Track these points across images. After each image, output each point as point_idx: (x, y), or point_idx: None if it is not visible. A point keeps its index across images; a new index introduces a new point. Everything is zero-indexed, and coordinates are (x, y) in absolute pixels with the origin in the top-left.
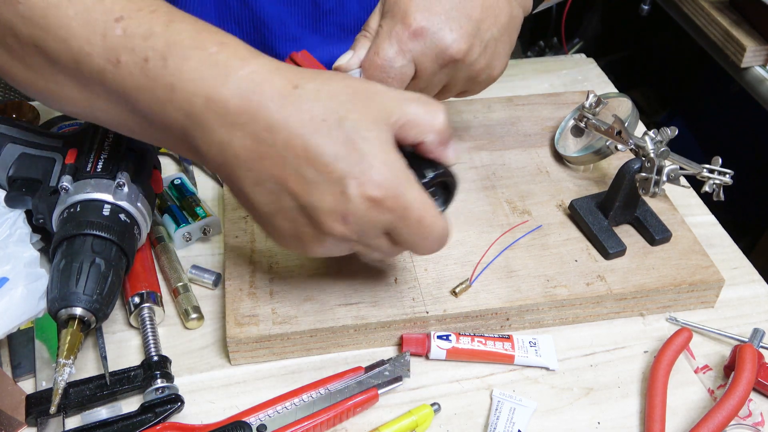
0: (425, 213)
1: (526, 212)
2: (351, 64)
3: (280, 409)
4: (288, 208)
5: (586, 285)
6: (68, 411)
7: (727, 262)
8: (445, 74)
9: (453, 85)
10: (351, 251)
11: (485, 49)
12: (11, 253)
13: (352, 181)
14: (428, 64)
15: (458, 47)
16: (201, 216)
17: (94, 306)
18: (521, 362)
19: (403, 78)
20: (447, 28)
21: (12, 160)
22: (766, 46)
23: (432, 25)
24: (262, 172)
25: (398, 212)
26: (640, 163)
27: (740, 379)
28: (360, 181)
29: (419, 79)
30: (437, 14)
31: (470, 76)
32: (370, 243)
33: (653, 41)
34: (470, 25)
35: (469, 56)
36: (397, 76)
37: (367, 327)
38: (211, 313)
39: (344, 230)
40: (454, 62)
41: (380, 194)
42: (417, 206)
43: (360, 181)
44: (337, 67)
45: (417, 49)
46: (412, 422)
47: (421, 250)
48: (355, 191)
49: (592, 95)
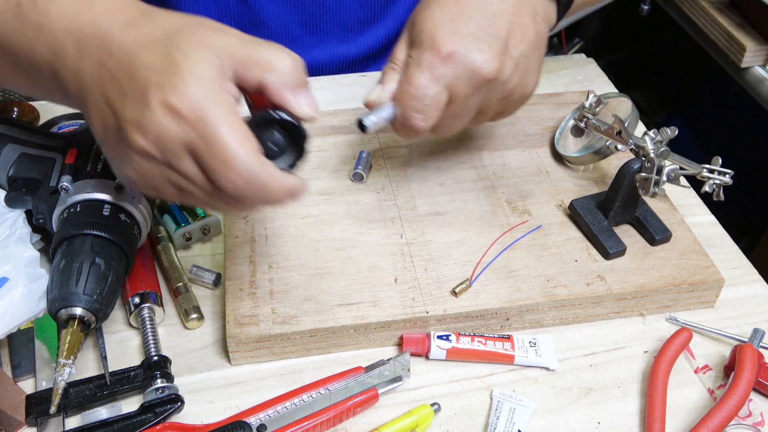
0: (231, 138)
1: (526, 212)
2: (382, 98)
3: (280, 409)
4: (111, 128)
5: (586, 285)
6: (68, 411)
7: (727, 262)
8: (479, 96)
9: (488, 107)
10: (165, 181)
11: (517, 67)
12: (11, 253)
13: (155, 89)
14: (462, 87)
15: (490, 67)
16: (201, 216)
17: (94, 306)
18: (521, 362)
19: (439, 105)
20: (476, 50)
21: (12, 160)
22: (766, 46)
23: (461, 48)
24: (99, 95)
25: (198, 128)
26: (640, 163)
27: (740, 379)
28: (163, 89)
29: (454, 104)
30: (465, 37)
31: (504, 95)
32: (176, 166)
33: (653, 41)
34: (499, 43)
35: (501, 75)
36: (433, 104)
37: (367, 327)
38: (211, 313)
39: (144, 143)
40: (487, 82)
41: (180, 104)
42: (222, 126)
43: (163, 88)
44: (368, 102)
45: (449, 74)
46: (412, 422)
47: (230, 187)
48: (156, 98)
49: (592, 95)
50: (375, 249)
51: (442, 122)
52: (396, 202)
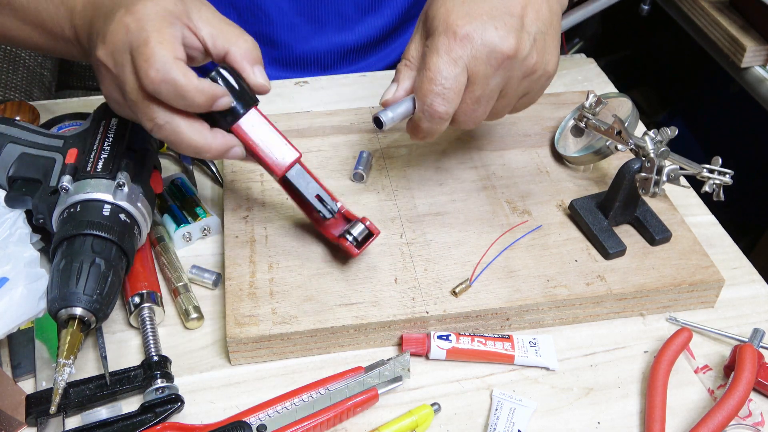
0: (155, 41)
1: (526, 212)
2: (398, 96)
3: (280, 409)
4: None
5: (586, 285)
6: (68, 411)
7: (727, 262)
8: (500, 76)
9: (510, 88)
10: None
11: (535, 43)
12: (11, 253)
13: (122, 9)
14: (481, 67)
15: (508, 44)
16: (201, 216)
17: (94, 306)
18: (521, 362)
19: (459, 87)
20: (492, 27)
21: (12, 160)
22: (766, 46)
23: (476, 29)
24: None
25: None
26: (640, 163)
27: (740, 379)
28: (126, 10)
29: (475, 85)
30: (479, 16)
31: (525, 73)
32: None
33: (653, 41)
34: (514, 20)
35: (520, 51)
36: (452, 86)
37: (367, 327)
38: (211, 313)
39: (103, 54)
40: (507, 60)
41: (130, 19)
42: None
43: (127, 9)
44: (385, 102)
45: (467, 55)
46: (412, 422)
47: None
48: (118, 15)
49: (592, 95)
50: (375, 249)
51: (465, 109)
52: (396, 202)
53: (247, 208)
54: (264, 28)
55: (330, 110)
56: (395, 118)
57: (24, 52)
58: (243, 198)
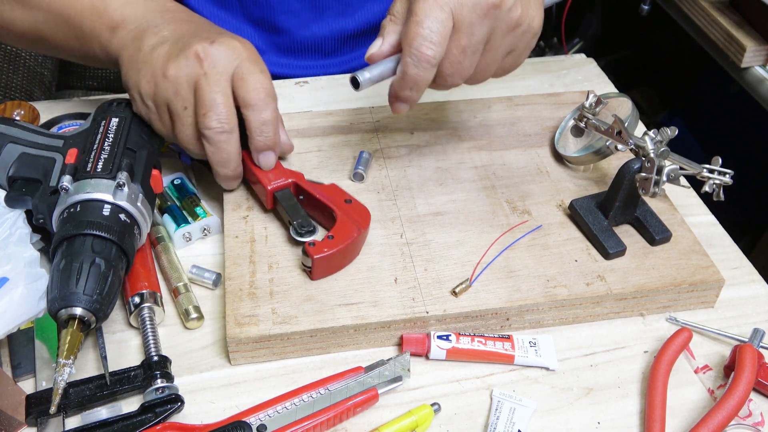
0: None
1: (526, 212)
2: (383, 50)
3: (280, 409)
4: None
5: (586, 285)
6: (68, 411)
7: (727, 262)
8: (486, 26)
9: (496, 40)
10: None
11: None
12: (11, 253)
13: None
14: (466, 13)
15: None
16: (201, 216)
17: (94, 306)
18: (521, 362)
19: (445, 31)
20: None
21: (12, 160)
22: (766, 46)
23: None
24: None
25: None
26: (640, 163)
27: (740, 379)
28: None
29: (461, 33)
30: None
31: (510, 26)
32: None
33: (653, 41)
34: None
35: (505, 1)
36: (439, 29)
37: (367, 327)
38: (211, 313)
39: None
40: (492, 9)
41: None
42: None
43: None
44: (370, 56)
45: (453, 1)
46: (412, 422)
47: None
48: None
49: (592, 95)
50: (375, 249)
51: (451, 59)
52: (396, 202)
53: (247, 208)
54: (265, 13)
55: (330, 110)
56: (372, 78)
57: (24, 52)
58: (243, 198)
